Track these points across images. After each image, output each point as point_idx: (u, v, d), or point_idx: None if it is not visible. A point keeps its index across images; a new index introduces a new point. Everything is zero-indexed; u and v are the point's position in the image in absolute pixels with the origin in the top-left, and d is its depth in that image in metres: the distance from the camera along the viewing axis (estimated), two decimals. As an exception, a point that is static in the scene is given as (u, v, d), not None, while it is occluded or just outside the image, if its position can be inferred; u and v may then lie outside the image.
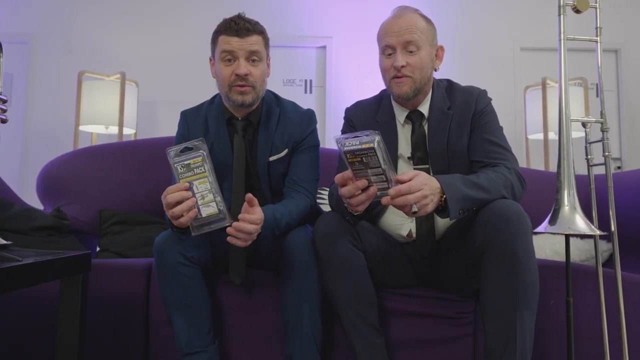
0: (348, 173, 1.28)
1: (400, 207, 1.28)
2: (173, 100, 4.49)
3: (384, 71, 1.60)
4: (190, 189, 1.33)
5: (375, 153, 1.23)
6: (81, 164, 2.36)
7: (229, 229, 1.37)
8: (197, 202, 1.33)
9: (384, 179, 1.28)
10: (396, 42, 1.55)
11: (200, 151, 1.34)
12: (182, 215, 1.32)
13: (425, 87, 1.60)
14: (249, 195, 1.41)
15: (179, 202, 1.32)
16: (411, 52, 1.54)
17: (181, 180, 1.33)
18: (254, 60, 1.61)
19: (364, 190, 1.29)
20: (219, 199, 1.35)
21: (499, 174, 1.43)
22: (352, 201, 1.31)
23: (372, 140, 1.23)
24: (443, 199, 1.33)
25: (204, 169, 1.34)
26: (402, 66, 1.53)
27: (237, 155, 1.64)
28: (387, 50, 1.57)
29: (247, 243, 1.41)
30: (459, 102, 1.61)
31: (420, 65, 1.55)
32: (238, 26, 1.58)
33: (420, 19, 1.57)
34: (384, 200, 1.27)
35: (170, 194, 1.33)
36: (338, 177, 1.31)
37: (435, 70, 1.63)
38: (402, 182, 1.27)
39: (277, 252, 1.57)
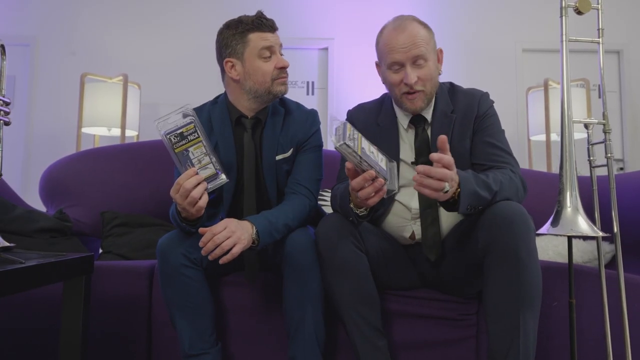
0: (349, 165, 1.30)
1: (425, 187, 1.27)
2: (175, 102, 4.46)
3: (392, 86, 1.58)
4: (186, 156, 1.38)
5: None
6: (83, 166, 2.37)
7: (200, 246, 1.42)
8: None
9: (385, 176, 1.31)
10: (405, 59, 1.52)
11: (190, 117, 1.39)
12: (199, 199, 1.38)
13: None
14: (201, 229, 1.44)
15: (194, 187, 1.38)
16: (419, 64, 1.53)
17: (176, 150, 1.39)
18: (282, 54, 1.66)
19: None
20: (214, 159, 1.41)
21: (506, 176, 1.44)
22: (360, 194, 1.31)
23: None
24: (457, 192, 1.33)
25: (197, 134, 1.39)
26: (415, 82, 1.52)
27: (247, 154, 1.64)
28: (394, 66, 1.55)
29: (219, 252, 1.41)
30: (461, 105, 1.61)
31: (430, 76, 1.55)
32: (268, 22, 1.63)
33: (422, 28, 1.55)
34: (415, 178, 1.28)
35: (187, 180, 1.38)
36: (347, 165, 1.32)
37: (439, 74, 1.61)
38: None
39: (279, 254, 1.57)
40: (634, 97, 4.79)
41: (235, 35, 1.61)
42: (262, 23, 1.61)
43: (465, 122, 1.59)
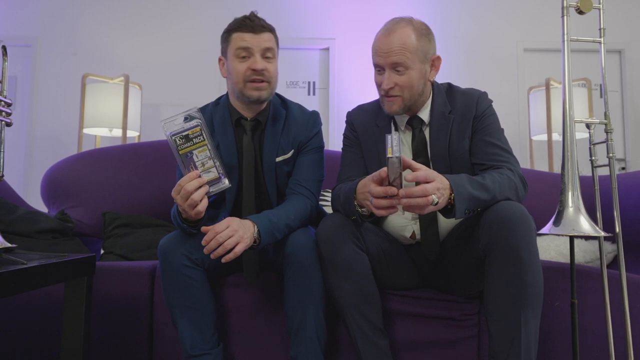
0: (384, 173, 1.28)
1: (413, 207, 1.28)
2: (177, 102, 4.50)
3: (376, 85, 1.61)
4: (190, 158, 1.39)
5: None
6: (85, 167, 2.37)
7: (203, 244, 1.41)
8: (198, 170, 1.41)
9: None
10: (384, 63, 1.53)
11: (197, 120, 1.40)
12: (199, 202, 1.39)
13: (420, 99, 1.59)
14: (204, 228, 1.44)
15: (196, 189, 1.39)
16: (399, 71, 1.53)
17: (181, 151, 1.39)
18: (267, 57, 1.62)
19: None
20: (218, 163, 1.42)
21: (504, 176, 1.44)
22: (374, 202, 1.31)
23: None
24: (452, 196, 1.33)
25: (203, 137, 1.40)
26: (390, 87, 1.53)
27: (247, 156, 1.64)
28: (377, 67, 1.58)
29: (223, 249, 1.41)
30: (459, 105, 1.61)
31: (409, 84, 1.54)
32: (253, 23, 1.61)
33: (412, 35, 1.52)
34: (402, 202, 1.27)
35: (189, 183, 1.38)
36: (382, 174, 1.30)
37: (430, 81, 1.60)
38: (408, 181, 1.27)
39: (280, 254, 1.56)
40: (635, 97, 4.79)
41: (224, 34, 1.65)
42: (244, 24, 1.61)
43: (464, 122, 1.59)
